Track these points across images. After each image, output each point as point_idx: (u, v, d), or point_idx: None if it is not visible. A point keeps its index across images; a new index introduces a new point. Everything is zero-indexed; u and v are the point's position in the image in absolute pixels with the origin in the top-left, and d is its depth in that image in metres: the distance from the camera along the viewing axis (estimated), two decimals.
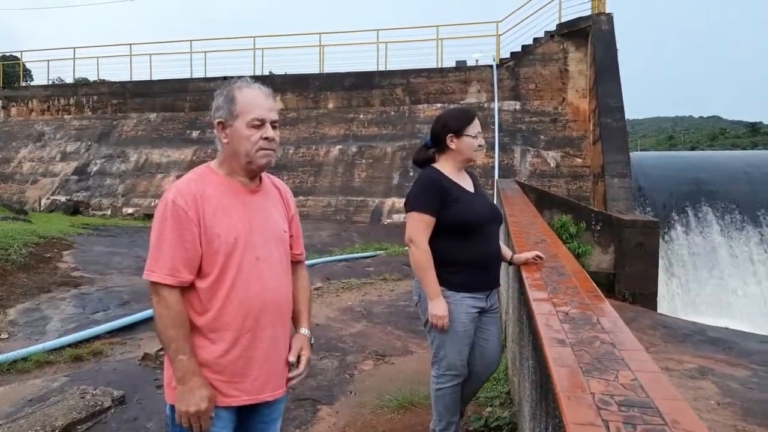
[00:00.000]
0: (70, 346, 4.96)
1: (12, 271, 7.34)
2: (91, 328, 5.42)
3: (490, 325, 2.84)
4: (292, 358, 1.88)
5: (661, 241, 9.55)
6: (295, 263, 2.00)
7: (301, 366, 1.90)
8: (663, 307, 9.09)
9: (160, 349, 4.51)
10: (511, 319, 3.68)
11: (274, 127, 1.79)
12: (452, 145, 2.75)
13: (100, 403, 3.58)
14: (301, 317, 1.98)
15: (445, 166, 2.78)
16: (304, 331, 1.96)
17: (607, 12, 13.78)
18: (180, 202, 1.68)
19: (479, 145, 2.78)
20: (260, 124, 1.75)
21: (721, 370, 4.78)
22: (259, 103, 1.76)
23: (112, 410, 3.59)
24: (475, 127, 2.76)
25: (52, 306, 6.33)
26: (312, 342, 1.98)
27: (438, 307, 2.62)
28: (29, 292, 6.75)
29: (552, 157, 13.84)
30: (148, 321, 5.65)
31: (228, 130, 1.77)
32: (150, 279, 1.67)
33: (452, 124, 2.76)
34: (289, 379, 1.89)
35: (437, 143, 2.81)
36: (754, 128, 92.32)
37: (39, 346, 4.83)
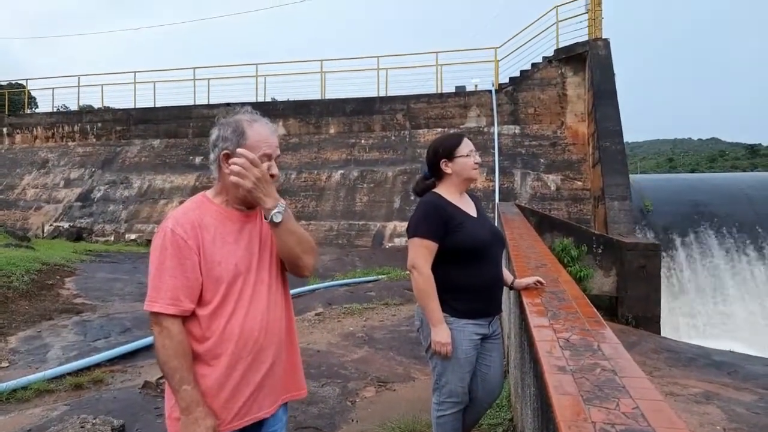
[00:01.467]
0: (70, 374, 4.95)
1: (14, 298, 7.34)
2: (92, 355, 5.41)
3: (493, 352, 2.82)
4: None
5: (663, 263, 9.53)
6: None
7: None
8: (666, 330, 9.02)
9: (161, 377, 4.49)
10: (513, 345, 3.67)
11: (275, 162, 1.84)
12: (447, 170, 2.75)
13: None
14: None
15: (445, 191, 2.77)
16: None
17: (603, 37, 13.96)
18: (179, 231, 1.70)
19: (475, 163, 2.77)
20: (266, 160, 1.78)
21: (727, 395, 4.72)
22: (268, 140, 1.80)
23: None
24: (466, 146, 2.75)
25: (54, 333, 6.31)
26: (283, 211, 1.78)
27: (441, 334, 2.60)
28: (31, 320, 6.74)
29: (552, 180, 13.89)
30: (149, 348, 5.63)
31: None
32: (152, 309, 1.67)
33: (442, 150, 2.76)
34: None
35: (434, 171, 2.82)
36: (753, 150, 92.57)
37: (39, 375, 4.81)
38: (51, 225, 16.62)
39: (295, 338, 1.97)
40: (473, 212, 2.79)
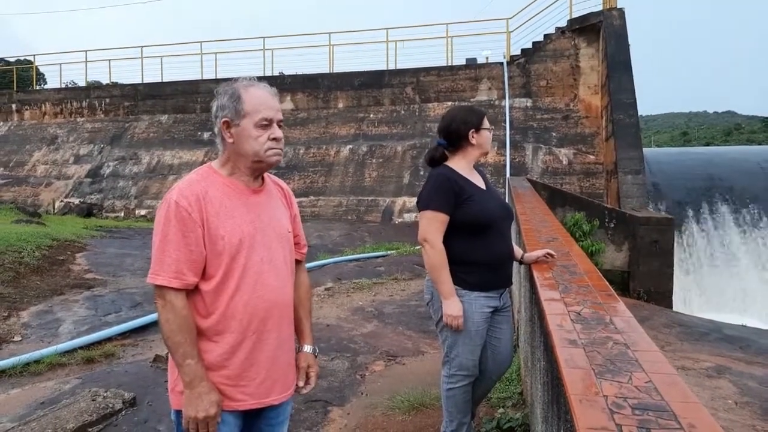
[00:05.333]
0: (82, 348, 5.00)
1: (25, 273, 7.40)
2: (103, 330, 5.46)
3: (503, 324, 2.82)
4: (301, 383, 1.92)
5: (676, 238, 9.43)
6: (297, 262, 1.97)
7: (311, 382, 1.95)
8: (678, 304, 8.97)
9: None
10: (523, 319, 3.63)
11: (279, 127, 1.77)
12: (473, 141, 2.75)
13: (111, 405, 3.58)
14: (304, 329, 1.98)
15: (458, 163, 2.76)
16: (308, 348, 1.97)
17: (618, 7, 13.64)
18: (183, 203, 1.65)
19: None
20: (268, 124, 1.73)
21: (739, 369, 4.69)
22: (267, 102, 1.74)
23: (123, 412, 3.59)
24: (487, 120, 2.83)
25: (65, 308, 6.37)
26: (317, 354, 2.01)
27: (453, 307, 2.60)
28: (42, 295, 6.80)
29: (564, 154, 13.73)
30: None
31: (234, 130, 1.73)
32: (155, 282, 1.64)
33: (472, 120, 2.75)
34: (297, 389, 1.92)
35: (456, 141, 2.77)
36: None
37: (51, 349, 4.86)
38: (61, 201, 16.73)
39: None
40: (482, 186, 2.79)
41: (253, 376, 1.73)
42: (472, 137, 2.74)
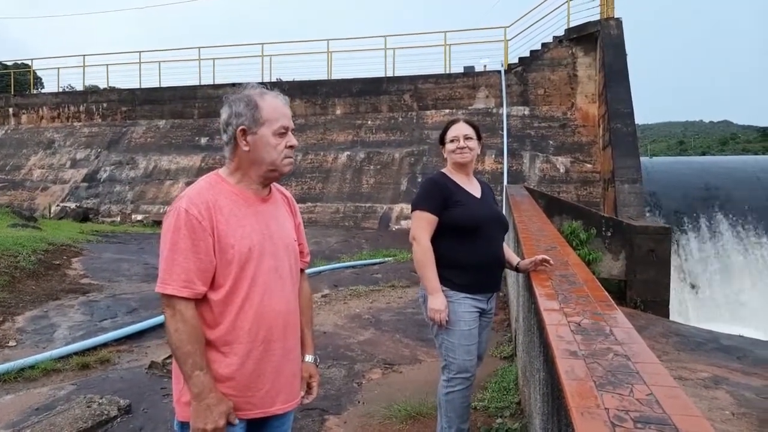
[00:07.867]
0: (77, 353, 4.96)
1: (21, 278, 7.36)
2: (99, 335, 5.43)
3: (484, 328, 2.90)
4: (302, 393, 1.92)
5: (672, 247, 9.44)
6: (300, 271, 1.98)
7: (313, 392, 1.97)
8: (675, 314, 8.97)
9: (167, 357, 4.49)
10: (521, 329, 3.63)
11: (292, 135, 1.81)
12: (444, 154, 2.96)
13: (106, 412, 3.55)
14: (305, 338, 1.97)
15: (450, 171, 2.94)
16: (309, 358, 1.97)
17: (616, 17, 13.72)
18: (194, 211, 1.62)
19: (458, 148, 2.86)
20: (285, 132, 1.75)
21: (736, 380, 4.68)
22: (283, 111, 1.76)
23: (118, 419, 3.56)
24: (451, 132, 2.91)
25: (60, 313, 6.33)
26: (317, 363, 2.02)
27: (436, 301, 2.70)
28: (37, 300, 6.76)
29: (561, 162, 13.77)
30: (155, 329, 5.64)
31: (250, 138, 1.72)
32: (164, 292, 1.60)
33: (441, 136, 3.00)
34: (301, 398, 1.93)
35: None
36: (765, 133, 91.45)
37: (46, 354, 4.83)
38: (58, 205, 16.67)
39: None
40: (477, 194, 2.89)
41: (260, 386, 1.72)
42: (443, 150, 2.98)
